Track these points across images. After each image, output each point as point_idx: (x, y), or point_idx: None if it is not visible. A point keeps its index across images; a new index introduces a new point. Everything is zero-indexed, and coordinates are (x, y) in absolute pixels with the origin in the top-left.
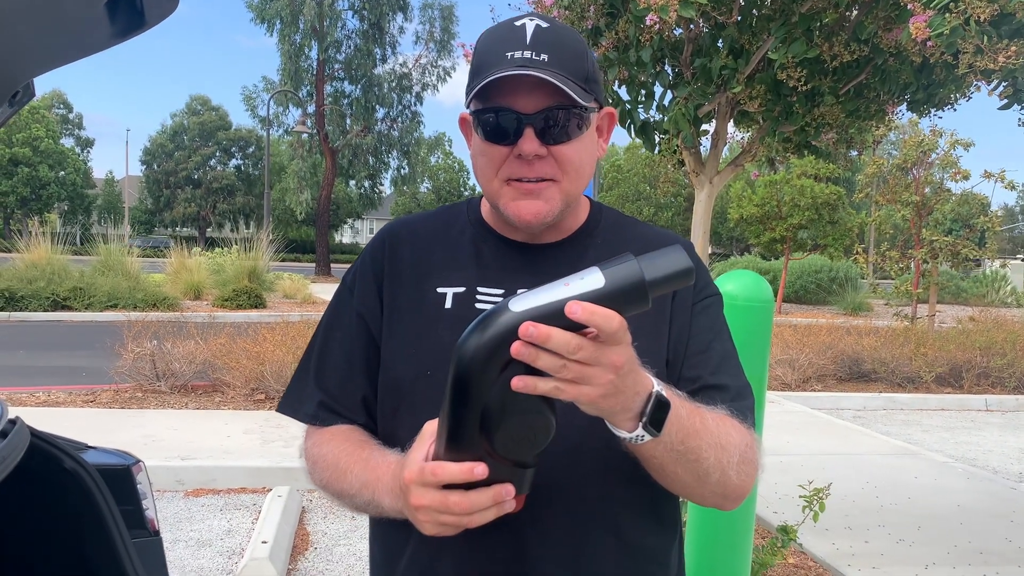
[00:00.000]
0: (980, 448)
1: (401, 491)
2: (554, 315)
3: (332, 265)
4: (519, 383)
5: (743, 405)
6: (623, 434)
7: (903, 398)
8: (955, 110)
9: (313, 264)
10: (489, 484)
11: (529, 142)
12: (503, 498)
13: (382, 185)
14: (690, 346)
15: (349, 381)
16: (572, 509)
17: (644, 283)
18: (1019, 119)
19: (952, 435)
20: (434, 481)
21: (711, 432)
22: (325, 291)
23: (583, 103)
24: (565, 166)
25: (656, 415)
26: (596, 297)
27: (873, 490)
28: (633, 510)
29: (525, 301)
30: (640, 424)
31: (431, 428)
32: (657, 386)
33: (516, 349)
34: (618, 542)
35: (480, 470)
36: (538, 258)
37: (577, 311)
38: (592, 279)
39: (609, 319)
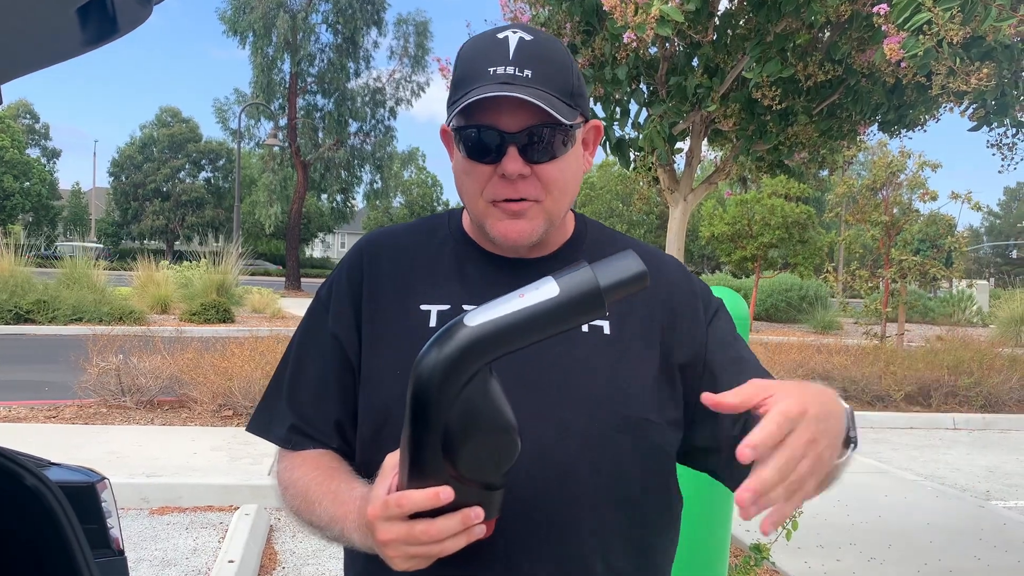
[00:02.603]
0: (948, 466)
1: (367, 528)
2: (512, 327)
3: (302, 279)
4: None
5: None
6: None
7: (873, 416)
8: (925, 131)
9: (283, 278)
10: (457, 510)
11: (512, 161)
12: (472, 522)
13: (354, 199)
14: (721, 358)
15: (323, 404)
16: (565, 542)
17: (599, 290)
18: (987, 140)
19: (921, 453)
20: (399, 513)
21: None
22: (295, 305)
23: (567, 121)
24: (549, 186)
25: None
26: (551, 306)
27: (844, 508)
28: (626, 543)
29: (481, 314)
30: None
31: (392, 461)
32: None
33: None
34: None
35: (445, 494)
36: (524, 273)
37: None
38: (547, 288)
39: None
